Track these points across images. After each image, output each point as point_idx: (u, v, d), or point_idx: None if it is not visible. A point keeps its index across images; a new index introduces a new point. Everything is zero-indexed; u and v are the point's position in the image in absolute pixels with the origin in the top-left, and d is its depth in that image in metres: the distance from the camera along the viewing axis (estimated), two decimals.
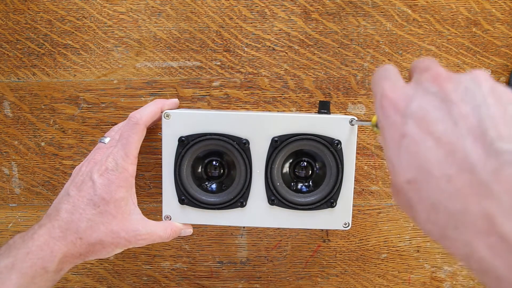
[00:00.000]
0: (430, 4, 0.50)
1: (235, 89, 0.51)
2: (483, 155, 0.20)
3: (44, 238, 0.37)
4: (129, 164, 0.41)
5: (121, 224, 0.40)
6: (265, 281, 0.54)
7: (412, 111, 0.23)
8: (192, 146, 0.43)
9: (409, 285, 0.54)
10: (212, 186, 0.45)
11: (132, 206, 0.42)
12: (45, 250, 0.37)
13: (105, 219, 0.40)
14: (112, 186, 0.40)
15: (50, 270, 0.37)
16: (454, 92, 0.23)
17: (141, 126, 0.42)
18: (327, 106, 0.45)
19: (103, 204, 0.40)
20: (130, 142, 0.42)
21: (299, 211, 0.44)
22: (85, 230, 0.39)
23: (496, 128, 0.21)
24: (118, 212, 0.40)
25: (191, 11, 0.50)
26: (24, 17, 0.50)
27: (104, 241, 0.39)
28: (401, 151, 0.23)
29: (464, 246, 0.20)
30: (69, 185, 0.42)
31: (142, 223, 0.42)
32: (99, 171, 0.41)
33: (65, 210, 0.39)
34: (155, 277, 0.54)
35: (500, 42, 0.51)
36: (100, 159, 0.42)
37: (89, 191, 0.40)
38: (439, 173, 0.21)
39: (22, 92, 0.51)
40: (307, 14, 0.51)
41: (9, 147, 0.52)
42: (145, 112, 0.43)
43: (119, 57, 0.51)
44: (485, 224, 0.19)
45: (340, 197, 0.44)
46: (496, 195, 0.19)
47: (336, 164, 0.43)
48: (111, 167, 0.40)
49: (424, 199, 0.22)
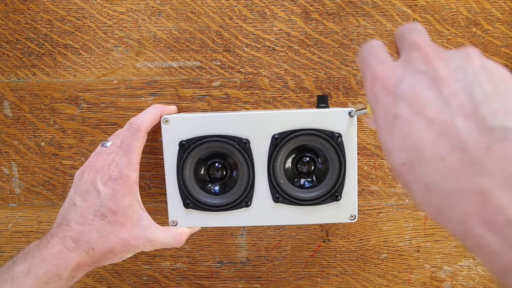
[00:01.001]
0: (430, 4, 0.50)
1: (235, 89, 0.51)
2: (475, 132, 0.20)
3: (58, 248, 0.38)
4: (133, 171, 0.41)
5: (130, 232, 0.40)
6: (265, 281, 0.54)
7: (403, 92, 0.23)
8: (193, 150, 0.43)
9: (409, 285, 0.54)
10: (215, 188, 0.45)
11: (140, 211, 0.42)
12: (60, 258, 0.37)
13: (114, 229, 0.40)
14: (117, 195, 0.40)
15: (63, 277, 0.37)
16: (445, 70, 0.22)
17: (142, 132, 0.42)
18: (325, 100, 0.45)
19: (110, 214, 0.40)
20: (132, 149, 0.41)
21: (305, 207, 0.44)
22: (96, 241, 0.39)
23: (488, 104, 0.20)
24: (127, 220, 0.40)
25: (191, 11, 0.50)
26: (24, 17, 0.50)
27: (115, 249, 0.40)
28: (394, 133, 0.23)
29: (459, 224, 0.20)
30: (74, 194, 0.42)
31: (151, 230, 0.42)
32: (102, 180, 0.40)
33: (74, 221, 0.39)
34: (155, 277, 0.54)
35: (500, 42, 0.51)
36: (102, 167, 0.41)
37: (95, 202, 0.40)
38: (432, 153, 0.21)
39: (22, 92, 0.51)
40: (307, 14, 0.51)
41: (9, 147, 0.52)
42: (146, 118, 0.43)
43: (119, 57, 0.51)
44: (479, 200, 0.19)
45: (344, 190, 0.44)
46: (489, 171, 0.19)
47: (338, 157, 0.43)
48: (115, 175, 0.40)
49: (419, 180, 0.22)
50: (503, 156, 0.19)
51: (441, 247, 0.53)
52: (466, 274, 0.54)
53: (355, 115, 0.43)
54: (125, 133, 0.42)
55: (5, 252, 0.54)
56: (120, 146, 0.42)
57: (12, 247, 0.54)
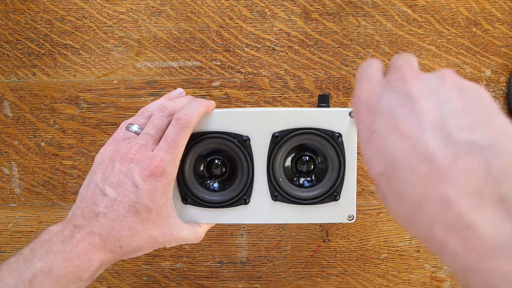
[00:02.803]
0: (430, 4, 0.51)
1: (235, 89, 0.51)
2: (442, 145, 0.22)
3: (83, 245, 0.35)
4: (175, 169, 0.39)
5: (160, 230, 0.39)
6: (265, 281, 0.54)
7: (381, 109, 0.25)
8: (193, 146, 0.43)
9: (409, 285, 0.54)
10: (214, 185, 0.45)
11: (170, 209, 0.40)
12: (83, 258, 0.35)
13: (146, 226, 0.38)
14: (156, 193, 0.37)
15: (83, 278, 0.35)
16: (420, 89, 0.24)
17: (190, 130, 0.39)
18: (326, 99, 0.45)
19: (145, 212, 0.37)
20: (178, 146, 0.39)
21: (303, 206, 0.44)
22: (126, 239, 0.37)
23: (456, 120, 0.22)
24: (159, 218, 0.39)
25: (191, 11, 0.50)
26: (24, 17, 0.50)
27: (142, 246, 0.38)
28: (372, 147, 0.25)
29: (426, 228, 0.22)
30: (103, 182, 0.38)
31: (178, 227, 0.41)
32: (143, 175, 0.37)
33: (104, 215, 0.37)
34: (155, 277, 0.54)
35: (500, 42, 0.51)
36: (141, 159, 0.38)
37: (131, 197, 0.37)
38: (404, 164, 0.23)
39: (22, 92, 0.51)
40: (307, 14, 0.51)
41: (9, 147, 0.52)
42: (195, 115, 0.40)
43: (119, 57, 0.51)
44: (443, 206, 0.21)
45: (343, 190, 0.44)
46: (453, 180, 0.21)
47: (337, 157, 0.43)
48: (159, 172, 0.37)
49: (393, 189, 0.24)
50: (466, 167, 0.21)
51: None
52: None
53: None
54: (171, 128, 0.39)
55: (5, 252, 0.54)
56: (165, 140, 0.39)
57: (12, 247, 0.54)
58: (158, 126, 0.40)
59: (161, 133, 0.40)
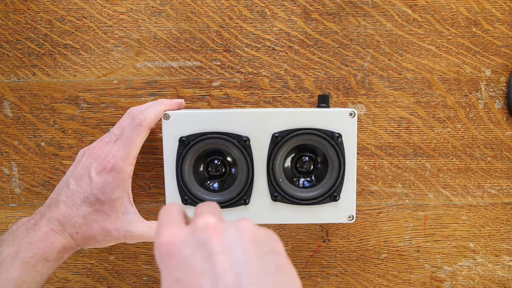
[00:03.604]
0: (430, 4, 0.51)
1: (235, 89, 0.51)
2: None
3: (45, 230, 0.39)
4: (128, 165, 0.41)
5: (114, 224, 0.41)
6: None
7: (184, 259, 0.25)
8: (193, 146, 0.43)
9: (409, 285, 0.54)
10: (214, 185, 0.45)
11: (128, 205, 0.43)
12: (46, 241, 0.39)
13: (99, 218, 0.41)
14: (108, 187, 0.40)
15: (50, 259, 0.39)
16: (219, 244, 0.25)
17: (144, 128, 0.42)
18: (326, 99, 0.45)
19: (98, 204, 0.40)
20: (132, 143, 0.41)
21: (303, 206, 0.44)
22: (80, 226, 0.40)
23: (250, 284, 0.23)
24: (113, 212, 0.41)
25: (191, 11, 0.50)
26: (24, 17, 0.50)
27: (97, 237, 0.41)
28: None
29: None
30: (70, 175, 0.42)
31: (135, 224, 0.42)
32: (97, 169, 0.41)
33: (64, 203, 0.40)
34: (155, 277, 0.54)
35: (500, 42, 0.51)
36: (99, 155, 0.41)
37: (86, 189, 0.40)
38: None
39: (22, 92, 0.51)
40: (307, 14, 0.51)
41: (9, 147, 0.52)
42: (150, 114, 0.42)
43: (119, 57, 0.51)
44: None
45: (343, 190, 0.44)
46: None
47: (337, 158, 0.43)
48: (109, 167, 0.40)
49: None
50: None
51: (441, 247, 0.53)
52: (466, 274, 0.54)
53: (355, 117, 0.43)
54: (127, 126, 0.42)
55: None
56: (120, 137, 0.42)
57: None
58: (122, 126, 0.43)
59: None
